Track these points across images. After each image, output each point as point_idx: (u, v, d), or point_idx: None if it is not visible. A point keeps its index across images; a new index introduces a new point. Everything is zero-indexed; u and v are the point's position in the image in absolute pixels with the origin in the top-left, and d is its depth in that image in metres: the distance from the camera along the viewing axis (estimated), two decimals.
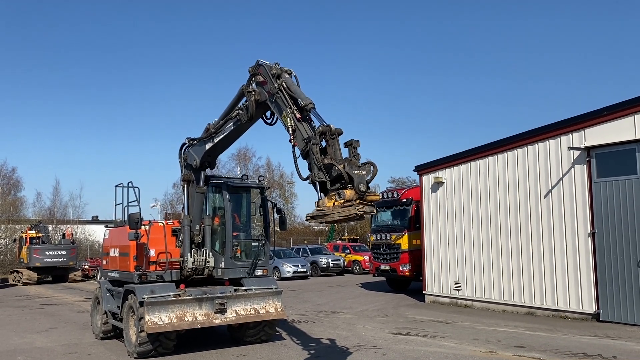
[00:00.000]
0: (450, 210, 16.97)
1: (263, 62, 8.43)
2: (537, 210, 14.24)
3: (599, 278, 12.74)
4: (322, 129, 6.95)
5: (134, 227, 9.94)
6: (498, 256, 15.24)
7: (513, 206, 14.91)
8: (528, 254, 14.38)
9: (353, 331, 12.36)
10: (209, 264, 10.51)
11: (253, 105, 8.67)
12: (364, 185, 6.27)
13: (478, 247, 15.90)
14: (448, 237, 16.99)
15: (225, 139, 9.89)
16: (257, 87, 8.63)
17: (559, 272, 13.58)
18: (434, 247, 17.51)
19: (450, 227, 16.92)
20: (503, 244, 15.12)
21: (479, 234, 15.93)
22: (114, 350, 10.62)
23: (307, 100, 7.48)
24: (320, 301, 18.70)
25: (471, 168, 16.36)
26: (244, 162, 54.67)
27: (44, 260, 30.31)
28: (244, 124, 9.13)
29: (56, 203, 52.77)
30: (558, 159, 13.76)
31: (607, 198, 12.73)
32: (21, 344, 11.52)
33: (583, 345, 10.23)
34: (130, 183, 11.30)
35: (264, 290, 10.50)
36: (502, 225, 15.21)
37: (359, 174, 6.33)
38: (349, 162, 6.49)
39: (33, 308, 18.63)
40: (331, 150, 6.80)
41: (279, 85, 7.91)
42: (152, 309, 9.28)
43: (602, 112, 12.86)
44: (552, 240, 13.81)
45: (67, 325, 14.24)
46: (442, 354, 9.72)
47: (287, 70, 8.20)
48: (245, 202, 11.49)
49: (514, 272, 14.73)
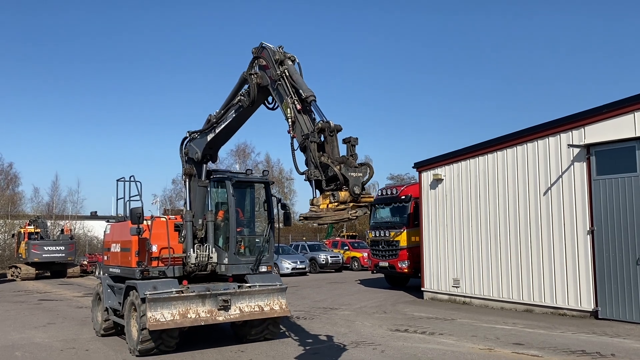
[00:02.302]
0: (449, 207, 16.96)
1: (267, 45, 8.23)
2: (536, 208, 14.23)
3: (598, 276, 12.74)
4: (322, 126, 6.85)
5: (136, 222, 9.81)
6: (497, 253, 15.24)
7: (512, 203, 14.90)
8: (527, 251, 14.38)
9: (351, 328, 12.36)
10: (212, 259, 10.35)
11: (255, 89, 8.50)
12: (358, 188, 6.29)
13: (477, 244, 15.90)
14: (447, 234, 16.98)
15: (226, 128, 9.74)
16: (260, 71, 8.46)
17: (557, 270, 13.58)
18: (433, 244, 17.51)
19: (449, 224, 16.91)
20: (502, 241, 15.12)
21: (477, 231, 15.92)
22: (111, 346, 10.61)
23: (308, 92, 7.36)
24: (319, 297, 18.71)
25: (470, 165, 16.34)
26: (242, 158, 54.62)
27: (42, 256, 30.36)
28: (245, 111, 9.00)
29: (55, 198, 52.85)
30: (557, 157, 13.74)
31: (607, 196, 12.72)
32: (19, 340, 11.50)
33: (581, 342, 10.23)
34: (132, 177, 11.09)
35: (269, 287, 10.31)
36: (501, 222, 15.20)
37: (354, 175, 6.33)
38: (346, 162, 6.45)
39: (31, 303, 18.62)
40: (329, 147, 6.74)
41: (282, 72, 7.75)
42: (154, 306, 9.13)
43: (602, 110, 12.84)
44: (551, 237, 13.80)
45: (65, 320, 14.23)
46: (440, 351, 9.71)
47: (291, 56, 7.97)
48: (249, 197, 11.32)
49: (513, 270, 14.73)
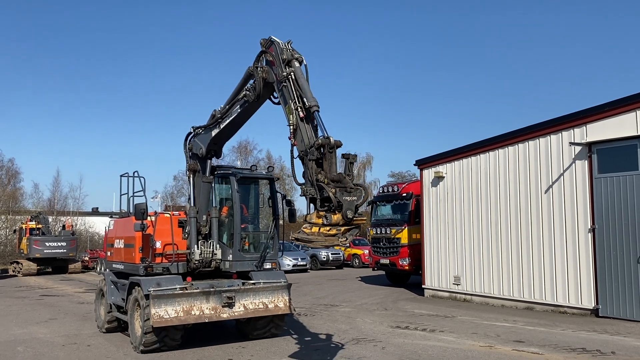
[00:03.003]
0: (451, 204, 16.96)
1: (275, 41, 8.09)
2: (537, 206, 14.22)
3: (599, 274, 12.74)
4: (322, 142, 6.81)
5: (140, 218, 9.74)
6: (498, 251, 15.25)
7: (513, 201, 14.90)
8: (528, 249, 14.38)
9: (352, 324, 12.38)
10: (216, 256, 10.28)
11: (261, 83, 8.40)
12: (351, 212, 6.45)
13: (478, 242, 15.90)
14: (448, 232, 16.99)
15: (231, 123, 9.64)
16: (266, 66, 8.36)
17: (558, 268, 13.58)
18: (434, 241, 17.52)
19: (450, 221, 16.92)
20: (503, 238, 15.12)
21: (478, 228, 15.92)
22: (113, 342, 10.64)
23: (312, 101, 7.27)
24: (320, 294, 18.74)
25: (472, 163, 16.33)
26: (244, 155, 54.60)
27: (43, 252, 30.46)
28: (251, 105, 8.93)
29: (56, 194, 52.92)
30: (559, 155, 13.73)
31: (608, 194, 12.71)
32: (21, 335, 11.55)
33: (582, 340, 10.24)
34: (135, 173, 10.99)
35: (273, 284, 10.24)
36: (502, 220, 15.20)
37: (349, 199, 6.45)
38: (342, 181, 6.58)
39: (33, 299, 18.68)
40: (327, 164, 6.76)
41: (287, 74, 7.66)
42: (158, 302, 9.06)
43: (604, 108, 12.81)
44: (552, 235, 13.80)
45: (67, 316, 14.28)
46: (441, 348, 9.73)
47: (298, 57, 7.83)
48: (254, 193, 11.22)
49: (514, 267, 14.74)
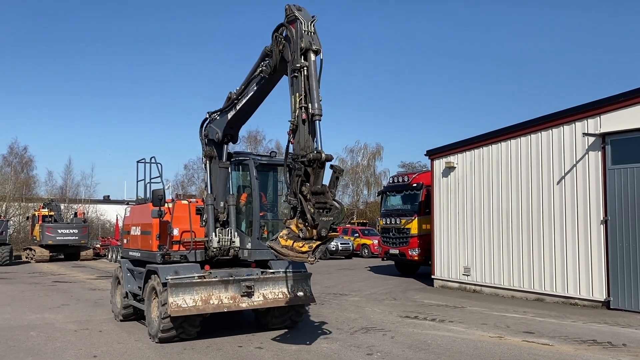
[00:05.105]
0: (461, 195, 16.88)
1: (299, 18, 7.84)
2: (549, 197, 14.11)
3: (611, 265, 12.64)
4: (313, 157, 7.19)
5: (158, 205, 9.54)
6: (508, 242, 15.17)
7: (525, 192, 14.79)
8: (539, 240, 14.29)
9: (361, 314, 12.41)
10: (234, 244, 10.04)
11: (278, 55, 8.25)
12: (325, 231, 7.01)
13: (488, 233, 15.83)
14: (458, 222, 16.93)
15: (248, 103, 9.47)
16: (285, 41, 8.17)
17: (569, 259, 13.49)
18: (444, 231, 17.47)
19: (461, 212, 16.84)
20: (514, 229, 15.04)
21: (489, 219, 15.84)
22: (124, 328, 10.74)
23: (316, 109, 7.43)
24: (329, 283, 18.79)
25: (483, 153, 16.21)
26: (254, 145, 54.62)
27: (56, 239, 30.91)
28: (267, 82, 8.83)
29: (68, 182, 53.41)
30: (572, 145, 13.58)
31: (622, 185, 12.57)
32: (34, 320, 11.71)
33: (593, 332, 10.19)
34: (153, 158, 10.73)
35: (293, 273, 10.02)
36: (513, 211, 15.11)
37: (325, 220, 7.00)
38: (324, 195, 7.13)
39: (46, 285, 18.94)
40: (313, 178, 7.24)
41: (301, 67, 7.61)
42: (176, 291, 8.85)
43: (619, 98, 12.64)
44: (563, 226, 13.70)
45: (79, 302, 14.45)
46: (450, 338, 9.73)
47: (316, 48, 7.71)
48: (273, 180, 10.92)
49: (524, 258, 14.67)
